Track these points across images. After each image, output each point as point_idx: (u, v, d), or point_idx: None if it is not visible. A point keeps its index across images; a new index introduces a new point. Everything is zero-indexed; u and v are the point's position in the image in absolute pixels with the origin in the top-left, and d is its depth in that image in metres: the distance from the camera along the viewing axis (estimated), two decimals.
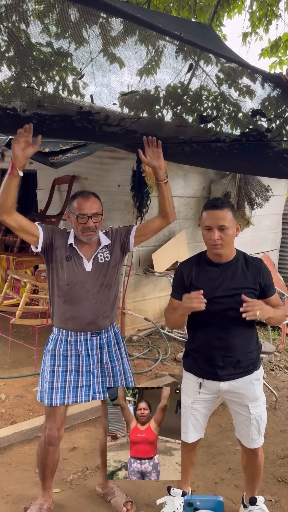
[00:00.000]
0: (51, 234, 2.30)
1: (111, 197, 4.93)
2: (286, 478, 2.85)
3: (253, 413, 2.22)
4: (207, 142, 2.60)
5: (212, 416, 3.56)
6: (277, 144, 2.44)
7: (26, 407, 3.49)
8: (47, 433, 2.32)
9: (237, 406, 2.26)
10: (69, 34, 1.85)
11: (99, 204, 2.31)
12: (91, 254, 2.32)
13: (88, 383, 2.31)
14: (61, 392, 2.27)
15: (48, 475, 2.40)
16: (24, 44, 1.81)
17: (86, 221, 2.24)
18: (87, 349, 2.30)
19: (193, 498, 1.28)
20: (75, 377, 2.30)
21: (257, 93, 2.24)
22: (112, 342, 2.38)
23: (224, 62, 2.15)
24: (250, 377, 2.21)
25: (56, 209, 5.57)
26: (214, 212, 2.13)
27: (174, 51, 2.09)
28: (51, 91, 2.04)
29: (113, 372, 2.35)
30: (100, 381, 2.34)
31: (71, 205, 2.30)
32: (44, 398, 2.29)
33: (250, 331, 2.23)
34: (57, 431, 2.32)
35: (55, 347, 2.31)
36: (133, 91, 2.16)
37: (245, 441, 2.29)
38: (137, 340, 5.06)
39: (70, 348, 2.30)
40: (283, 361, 4.85)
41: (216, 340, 2.17)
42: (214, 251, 2.17)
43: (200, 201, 5.61)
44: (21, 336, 4.81)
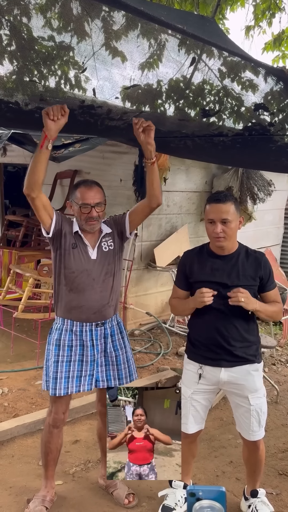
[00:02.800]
0: (60, 219, 2.30)
1: (114, 192, 4.92)
2: (287, 471, 2.87)
3: (253, 404, 2.23)
4: (209, 136, 2.60)
5: (214, 410, 3.58)
6: (280, 138, 2.43)
7: (28, 400, 3.51)
8: (52, 416, 2.36)
9: (237, 398, 2.28)
10: (71, 28, 1.84)
11: (102, 194, 2.30)
12: (95, 242, 2.34)
13: (92, 372, 2.34)
14: (65, 382, 2.29)
15: (51, 461, 2.42)
16: (26, 38, 1.81)
17: (90, 211, 2.24)
18: (92, 339, 2.32)
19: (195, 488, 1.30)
20: (79, 366, 2.32)
21: (260, 87, 2.23)
22: (116, 331, 2.40)
23: (226, 56, 2.14)
24: (249, 368, 2.23)
25: (58, 203, 5.57)
26: (217, 205, 2.16)
27: (176, 45, 2.07)
28: (53, 85, 2.04)
29: (117, 360, 2.38)
30: (104, 370, 2.37)
31: (74, 194, 2.29)
32: (49, 387, 2.32)
33: (250, 322, 2.26)
34: (62, 414, 2.36)
35: (60, 337, 2.32)
36: (135, 85, 2.16)
37: (246, 433, 2.30)
38: (139, 334, 5.08)
39: (75, 338, 2.31)
40: (285, 355, 4.86)
41: (216, 328, 2.21)
42: (216, 243, 2.19)
43: (202, 195, 5.60)
44: (23, 330, 4.83)
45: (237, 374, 2.22)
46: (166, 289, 5.42)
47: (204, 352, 2.25)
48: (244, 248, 2.28)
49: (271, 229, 7.05)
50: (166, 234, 5.31)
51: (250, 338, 2.25)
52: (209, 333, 2.23)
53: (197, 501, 1.26)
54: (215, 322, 2.21)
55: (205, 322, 2.24)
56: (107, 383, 2.37)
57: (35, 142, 3.60)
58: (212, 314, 2.21)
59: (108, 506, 2.48)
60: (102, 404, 2.50)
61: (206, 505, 1.26)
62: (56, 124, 2.02)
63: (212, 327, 2.22)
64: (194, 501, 1.26)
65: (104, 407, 2.48)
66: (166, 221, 5.34)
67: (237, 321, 2.20)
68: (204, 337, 2.25)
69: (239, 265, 2.21)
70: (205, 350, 2.25)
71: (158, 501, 2.45)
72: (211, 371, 2.24)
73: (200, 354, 2.27)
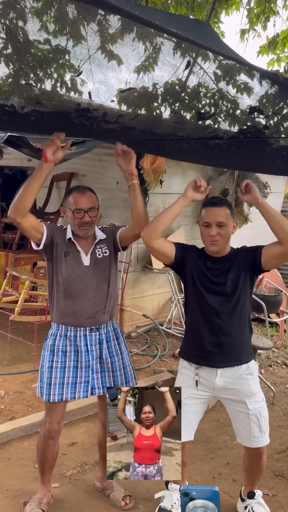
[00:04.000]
0: (51, 230, 2.32)
1: (110, 194, 4.93)
2: (283, 473, 2.88)
3: (251, 408, 2.22)
4: (204, 139, 2.61)
5: (210, 412, 3.58)
6: (275, 141, 2.45)
7: (25, 403, 3.51)
8: (47, 427, 2.34)
9: (234, 404, 2.27)
10: (67, 31, 1.85)
11: (95, 199, 2.32)
12: (88, 249, 2.34)
13: (87, 379, 2.33)
14: (60, 388, 2.28)
15: (47, 469, 2.42)
16: (22, 41, 1.81)
17: (83, 216, 2.26)
18: (87, 344, 2.32)
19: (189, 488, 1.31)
20: (74, 373, 2.31)
21: (255, 90, 2.24)
22: (112, 337, 2.40)
23: (221, 59, 2.16)
24: (241, 371, 2.23)
25: (55, 206, 5.58)
26: (213, 209, 2.19)
27: (171, 48, 2.09)
28: (49, 88, 2.04)
29: (113, 367, 2.37)
30: (100, 377, 2.36)
31: (67, 200, 2.31)
32: (43, 393, 2.30)
33: (245, 322, 2.27)
34: (57, 425, 2.34)
35: (54, 342, 2.32)
36: (131, 88, 2.17)
37: (247, 440, 2.27)
38: (136, 336, 5.08)
39: (70, 343, 2.31)
40: (281, 357, 4.88)
41: (211, 327, 2.23)
42: (211, 248, 2.22)
43: None
44: (20, 333, 4.83)
45: (231, 379, 2.23)
46: (162, 291, 5.43)
47: (199, 351, 2.26)
48: (235, 250, 2.32)
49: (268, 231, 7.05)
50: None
51: (244, 338, 2.27)
52: (204, 332, 2.24)
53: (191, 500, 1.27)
54: (211, 321, 2.22)
55: (200, 321, 2.25)
56: (103, 390, 2.35)
57: (31, 145, 3.61)
58: (207, 313, 2.22)
59: (105, 508, 2.48)
60: (104, 412, 2.43)
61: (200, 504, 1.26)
62: (54, 156, 2.15)
63: (207, 326, 2.23)
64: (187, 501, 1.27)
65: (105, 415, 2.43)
66: None
67: (232, 320, 2.22)
68: (199, 336, 2.26)
69: (232, 264, 2.24)
70: (200, 350, 2.26)
71: (154, 503, 2.45)
72: (206, 374, 2.25)
73: (195, 354, 2.28)
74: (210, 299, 2.21)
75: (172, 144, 2.75)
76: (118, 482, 2.58)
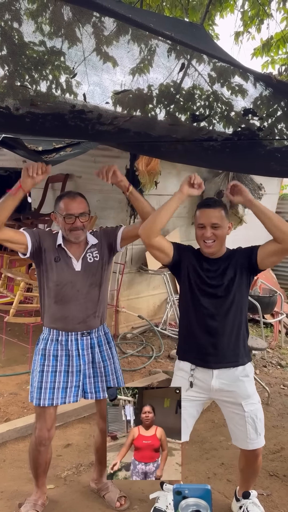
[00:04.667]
0: (38, 237, 2.31)
1: (105, 196, 4.94)
2: (278, 473, 2.89)
3: (247, 410, 2.23)
4: (199, 141, 2.62)
5: (205, 412, 3.59)
6: (269, 143, 2.46)
7: (20, 405, 3.50)
8: (37, 434, 2.33)
9: (230, 406, 2.28)
10: (62, 33, 1.86)
11: (86, 204, 2.33)
12: (80, 254, 2.33)
13: (78, 384, 2.32)
14: (50, 393, 2.27)
15: (41, 473, 2.42)
16: (17, 43, 1.82)
17: (74, 221, 2.26)
18: (78, 349, 2.31)
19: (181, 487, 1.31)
20: (65, 377, 2.30)
21: (249, 92, 2.26)
22: (103, 341, 2.40)
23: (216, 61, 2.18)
24: (238, 373, 2.24)
25: (50, 207, 5.57)
26: (208, 210, 2.20)
27: (166, 50, 2.10)
28: (44, 90, 2.05)
29: (105, 371, 2.37)
30: (93, 381, 2.35)
31: (58, 206, 2.31)
32: (33, 398, 2.29)
33: (241, 323, 2.28)
34: (47, 432, 2.32)
35: (46, 346, 2.32)
36: (126, 90, 2.18)
37: (243, 443, 2.28)
38: (131, 337, 5.08)
39: (61, 348, 2.31)
40: (276, 357, 4.90)
41: (206, 328, 2.23)
42: (206, 250, 2.23)
43: (193, 199, 5.61)
44: (15, 334, 4.82)
45: (227, 381, 2.23)
46: (157, 292, 5.44)
47: (194, 352, 2.27)
48: (230, 251, 2.33)
49: (262, 232, 7.08)
50: None
51: (240, 339, 2.27)
52: (199, 333, 2.25)
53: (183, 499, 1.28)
54: (206, 323, 2.23)
55: (195, 322, 2.26)
56: (96, 395, 2.35)
57: (26, 147, 3.61)
58: (203, 314, 2.23)
59: (100, 510, 2.48)
60: (103, 418, 2.40)
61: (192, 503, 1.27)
62: (33, 180, 2.12)
63: (202, 327, 2.24)
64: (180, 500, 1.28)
65: (105, 422, 2.32)
66: None
67: (227, 321, 2.23)
68: (194, 337, 2.27)
69: (227, 265, 2.25)
70: (195, 351, 2.26)
71: (149, 504, 2.46)
72: (202, 375, 2.25)
73: (191, 354, 2.28)
74: (205, 301, 2.22)
75: (166, 145, 2.76)
76: (118, 481, 2.59)
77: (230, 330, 2.24)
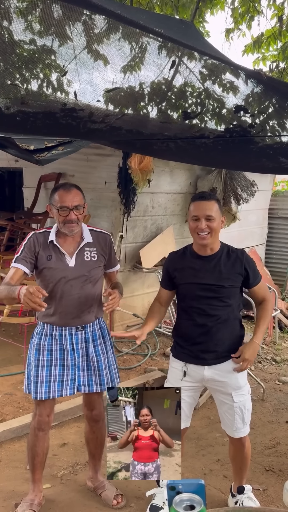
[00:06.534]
0: (31, 254, 2.29)
1: (98, 194, 4.93)
2: (273, 468, 2.91)
3: (236, 401, 2.27)
4: (191, 139, 2.62)
5: (201, 409, 3.60)
6: (261, 139, 2.47)
7: (15, 405, 3.49)
8: (37, 419, 2.36)
9: (221, 395, 2.31)
10: (52, 31, 1.85)
11: (81, 197, 2.30)
12: (74, 249, 2.32)
13: (73, 377, 2.34)
14: (46, 387, 2.29)
15: (38, 465, 2.42)
16: (7, 42, 1.81)
17: (68, 214, 2.23)
18: (72, 343, 2.32)
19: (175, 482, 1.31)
20: (60, 371, 2.32)
21: (240, 89, 2.26)
22: (98, 336, 2.40)
23: (207, 58, 2.18)
24: (231, 366, 2.26)
25: (42, 207, 5.55)
26: (202, 203, 2.20)
27: (156, 48, 2.10)
28: (35, 89, 2.04)
29: (99, 366, 2.38)
30: (86, 375, 2.37)
31: (53, 197, 2.29)
32: (31, 391, 2.32)
33: (234, 321, 2.29)
34: (46, 417, 2.36)
35: (40, 341, 2.33)
36: (117, 88, 2.17)
37: (230, 430, 2.33)
38: None
39: (55, 342, 2.32)
40: (270, 353, 4.92)
41: (199, 327, 2.25)
42: (200, 242, 2.22)
43: (187, 197, 5.64)
44: (9, 335, 4.80)
45: (220, 372, 2.25)
46: (152, 291, 5.44)
47: (188, 351, 2.28)
48: (226, 247, 2.31)
49: (255, 229, 7.13)
50: (152, 235, 5.34)
51: (234, 337, 2.29)
52: (194, 332, 2.26)
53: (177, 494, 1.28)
54: (200, 322, 2.24)
55: (190, 321, 2.27)
56: (89, 388, 2.37)
57: (18, 146, 3.59)
58: (197, 314, 2.24)
59: (97, 508, 2.48)
60: (88, 408, 2.50)
61: (186, 498, 1.27)
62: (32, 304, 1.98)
63: (196, 327, 2.25)
64: (174, 495, 1.28)
65: (90, 411, 2.49)
66: (151, 223, 5.37)
67: (221, 321, 2.24)
68: (188, 337, 2.28)
69: (221, 265, 2.24)
70: (189, 349, 2.28)
71: (146, 501, 2.46)
72: (195, 368, 2.28)
73: (185, 353, 2.30)
74: (199, 300, 2.23)
75: (158, 143, 2.76)
76: (118, 483, 2.59)
77: (224, 328, 2.24)
